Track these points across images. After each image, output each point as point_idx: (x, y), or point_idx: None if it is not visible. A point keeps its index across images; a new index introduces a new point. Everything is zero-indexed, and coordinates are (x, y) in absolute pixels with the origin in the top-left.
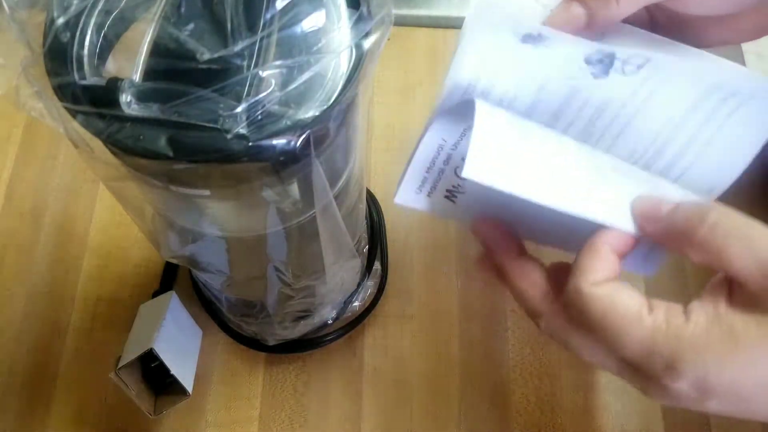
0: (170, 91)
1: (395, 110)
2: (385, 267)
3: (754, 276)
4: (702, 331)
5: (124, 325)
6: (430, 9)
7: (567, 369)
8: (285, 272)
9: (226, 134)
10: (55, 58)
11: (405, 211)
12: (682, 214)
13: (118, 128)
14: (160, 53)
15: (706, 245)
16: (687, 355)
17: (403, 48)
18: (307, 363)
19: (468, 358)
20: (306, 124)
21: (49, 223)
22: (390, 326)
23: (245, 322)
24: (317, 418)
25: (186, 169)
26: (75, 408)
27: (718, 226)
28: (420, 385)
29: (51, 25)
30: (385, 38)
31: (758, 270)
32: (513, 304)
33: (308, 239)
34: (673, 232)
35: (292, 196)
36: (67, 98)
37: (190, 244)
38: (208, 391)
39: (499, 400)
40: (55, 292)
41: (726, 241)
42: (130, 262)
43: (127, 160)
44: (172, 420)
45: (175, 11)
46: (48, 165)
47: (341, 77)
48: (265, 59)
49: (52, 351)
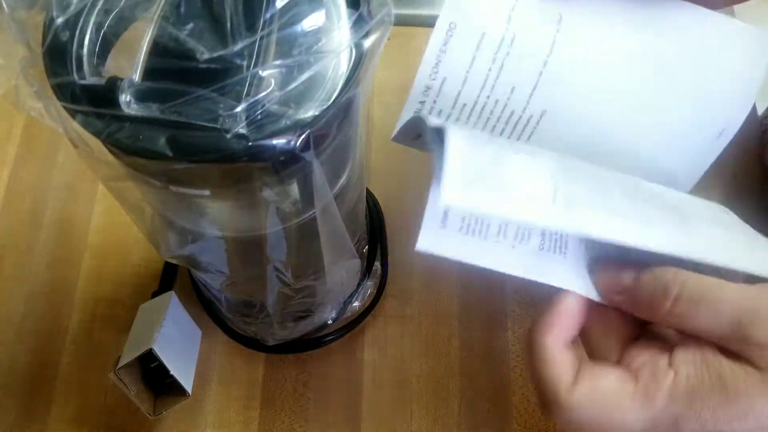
0: (170, 90)
1: (395, 110)
2: (385, 267)
3: (727, 336)
4: (693, 384)
5: (123, 325)
6: (430, 9)
7: None
8: (285, 272)
9: (226, 134)
10: (54, 58)
11: (405, 211)
12: (646, 287)
13: (118, 128)
14: (159, 53)
15: (674, 318)
16: (685, 413)
17: (403, 48)
18: (307, 363)
19: (468, 358)
20: (306, 123)
21: (49, 223)
22: (390, 326)
23: (245, 322)
24: (317, 418)
25: (185, 169)
26: (75, 408)
27: (682, 299)
28: (420, 385)
29: (50, 24)
30: (385, 38)
31: (729, 331)
32: (513, 304)
33: (308, 239)
34: (638, 303)
35: (292, 196)
36: (66, 98)
37: (189, 244)
38: (208, 391)
39: (499, 400)
40: (55, 292)
41: (691, 311)
42: (130, 262)
43: (127, 159)
44: (172, 420)
45: (174, 11)
46: (47, 165)
47: (341, 77)
48: (264, 59)
49: (52, 351)
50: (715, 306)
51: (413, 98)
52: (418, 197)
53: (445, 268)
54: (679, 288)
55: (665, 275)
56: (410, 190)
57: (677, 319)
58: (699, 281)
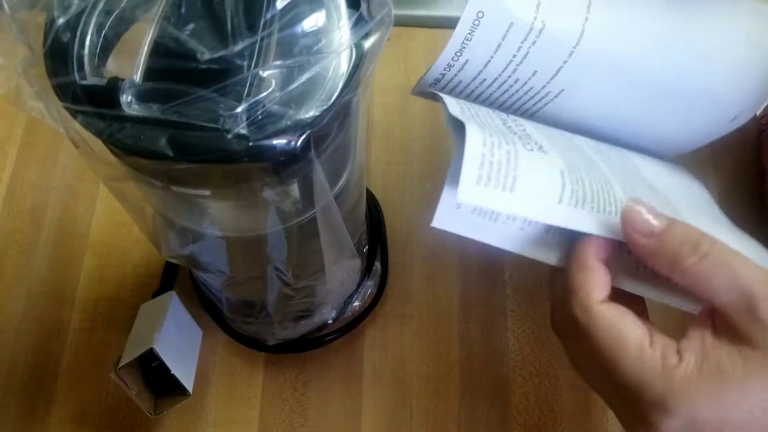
0: (170, 91)
1: (395, 110)
2: (385, 267)
3: (737, 307)
4: (692, 373)
5: (124, 325)
6: (430, 9)
7: (567, 369)
8: (285, 272)
9: (227, 134)
10: (55, 58)
11: (405, 211)
12: (676, 237)
13: (119, 128)
14: (160, 53)
15: (694, 273)
16: (677, 396)
17: (403, 48)
18: (307, 363)
19: (468, 358)
20: (306, 124)
21: (50, 223)
22: (390, 326)
23: (245, 322)
24: (317, 417)
25: (186, 169)
26: (75, 408)
27: (708, 257)
28: (420, 385)
29: (51, 25)
30: (385, 38)
31: (741, 301)
32: (513, 304)
33: (308, 239)
34: (663, 252)
35: (292, 196)
36: (67, 98)
37: (190, 244)
38: (208, 391)
39: (499, 400)
40: (55, 292)
41: (713, 272)
42: (130, 262)
43: (128, 160)
44: (172, 420)
45: (175, 11)
46: (48, 165)
47: (341, 77)
48: (265, 59)
49: (52, 351)
50: (737, 274)
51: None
52: (418, 197)
53: (445, 269)
54: (708, 246)
55: (696, 230)
56: (410, 190)
57: (693, 279)
58: (727, 247)
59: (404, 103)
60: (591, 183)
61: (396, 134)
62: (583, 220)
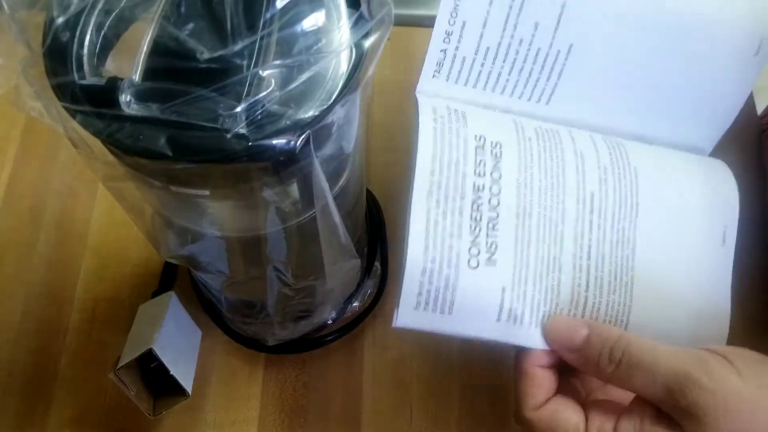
0: (170, 90)
1: (395, 110)
2: (385, 267)
3: (661, 398)
4: None
5: (123, 325)
6: (430, 9)
7: None
8: (285, 272)
9: (226, 134)
10: (54, 58)
11: (405, 211)
12: (594, 348)
13: (118, 128)
14: (159, 53)
15: (616, 378)
16: None
17: (403, 48)
18: (307, 363)
19: (468, 358)
20: (306, 123)
21: (49, 223)
22: (390, 326)
23: (245, 322)
24: (317, 418)
25: (185, 168)
26: (74, 408)
27: (622, 363)
28: (420, 385)
29: (51, 24)
30: (385, 38)
31: (666, 398)
32: None
33: (308, 239)
34: (587, 363)
35: (292, 196)
36: (66, 98)
37: (189, 244)
38: (208, 391)
39: (499, 401)
40: (55, 292)
41: (631, 374)
42: (130, 262)
43: (127, 159)
44: (172, 420)
45: (174, 11)
46: (47, 165)
47: (341, 77)
48: (264, 59)
49: (52, 351)
50: (650, 371)
51: (434, 46)
52: None
53: None
54: (620, 352)
55: (611, 336)
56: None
57: (618, 382)
58: (639, 346)
59: (404, 103)
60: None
61: (396, 134)
62: (520, 335)
